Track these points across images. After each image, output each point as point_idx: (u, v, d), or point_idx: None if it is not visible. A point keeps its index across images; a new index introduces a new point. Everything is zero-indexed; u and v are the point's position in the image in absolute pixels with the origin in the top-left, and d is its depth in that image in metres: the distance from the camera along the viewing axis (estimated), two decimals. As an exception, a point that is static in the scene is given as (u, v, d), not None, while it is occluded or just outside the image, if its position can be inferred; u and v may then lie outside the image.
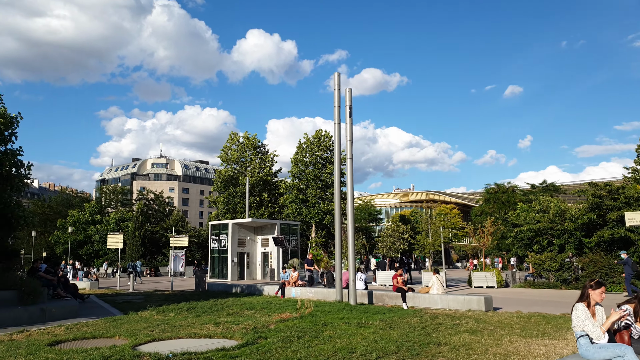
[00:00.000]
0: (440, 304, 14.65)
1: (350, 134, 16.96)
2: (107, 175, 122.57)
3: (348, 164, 16.74)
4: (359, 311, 13.50)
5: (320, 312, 13.20)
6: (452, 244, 75.90)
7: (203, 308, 14.49)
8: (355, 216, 61.94)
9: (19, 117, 16.81)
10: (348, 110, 16.83)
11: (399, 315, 12.37)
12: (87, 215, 55.72)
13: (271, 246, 35.06)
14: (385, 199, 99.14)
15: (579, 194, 27.62)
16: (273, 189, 52.89)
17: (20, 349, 8.23)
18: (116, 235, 27.74)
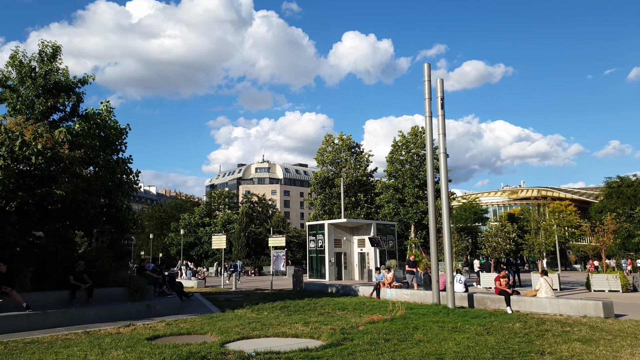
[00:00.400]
0: (549, 309, 13.27)
1: (442, 127, 16.09)
2: (215, 181, 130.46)
3: (441, 159, 15.88)
4: (456, 315, 12.66)
5: (413, 314, 12.58)
6: (569, 244, 69.83)
7: (296, 307, 14.53)
8: (459, 216, 59.39)
9: (128, 128, 18.17)
10: (439, 102, 15.98)
11: (500, 320, 11.36)
12: (197, 218, 59.51)
13: (368, 247, 34.67)
14: (491, 197, 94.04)
15: None
16: (369, 189, 52.45)
17: (122, 342, 8.73)
18: (220, 236, 29.16)
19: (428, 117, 16.32)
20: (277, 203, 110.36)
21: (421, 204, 45.21)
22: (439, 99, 15.98)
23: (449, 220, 15.50)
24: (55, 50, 15.87)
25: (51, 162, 12.68)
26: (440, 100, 15.95)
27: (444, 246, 15.42)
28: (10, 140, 12.32)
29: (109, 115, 17.29)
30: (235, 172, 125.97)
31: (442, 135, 15.94)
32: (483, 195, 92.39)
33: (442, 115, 15.99)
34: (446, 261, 15.19)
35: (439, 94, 16.02)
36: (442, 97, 16.00)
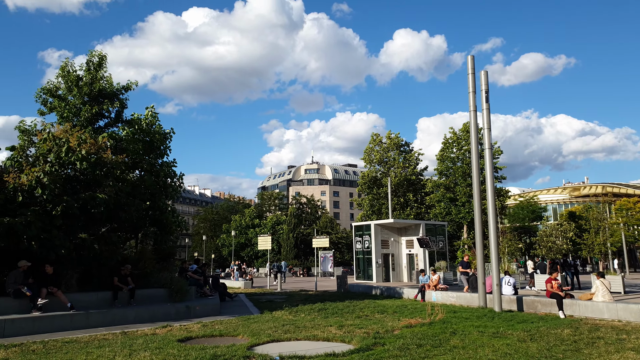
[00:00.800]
0: (606, 314, 12.29)
1: (487, 121, 15.35)
2: (266, 183, 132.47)
3: (486, 154, 15.14)
4: (502, 319, 11.97)
5: (455, 318, 12.01)
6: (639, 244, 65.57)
7: (335, 309, 14.28)
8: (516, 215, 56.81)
9: (172, 132, 18.57)
10: (484, 95, 15.24)
11: (549, 326, 10.60)
12: (247, 220, 60.49)
13: (416, 248, 33.83)
14: (551, 194, 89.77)
15: None
16: (419, 188, 51.34)
17: (153, 343, 8.80)
18: (266, 237, 29.34)
19: (472, 112, 15.62)
20: (326, 204, 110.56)
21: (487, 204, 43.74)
22: (483, 92, 15.25)
23: (495, 219, 14.76)
24: (101, 59, 16.47)
25: (95, 166, 13.09)
26: (484, 93, 15.22)
27: (490, 246, 14.68)
28: (58, 147, 12.83)
29: (154, 120, 17.70)
30: (285, 174, 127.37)
31: (487, 130, 15.22)
32: (542, 192, 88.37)
33: (487, 109, 15.25)
34: (492, 262, 14.45)
35: (483, 87, 15.29)
36: (486, 90, 15.26)
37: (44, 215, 11.59)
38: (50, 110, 15.14)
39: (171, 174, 17.94)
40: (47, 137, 12.82)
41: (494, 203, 14.89)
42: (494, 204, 14.91)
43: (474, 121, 15.58)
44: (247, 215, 61.71)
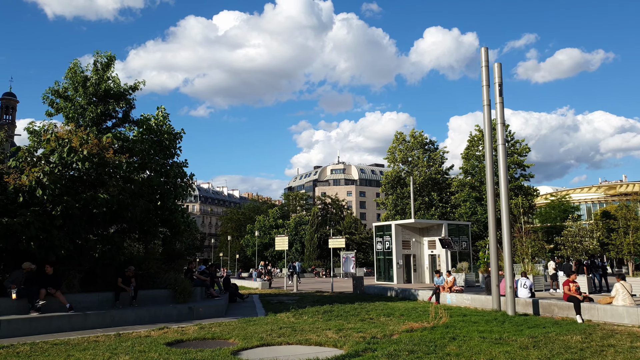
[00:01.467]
0: (627, 319, 11.49)
1: (501, 116, 14.66)
2: (293, 184, 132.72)
3: (500, 150, 14.45)
4: (512, 323, 11.33)
5: (462, 322, 11.43)
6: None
7: (341, 312, 13.86)
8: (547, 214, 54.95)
9: (182, 132, 18.51)
10: (497, 88, 14.55)
11: (560, 331, 9.94)
12: (270, 220, 60.54)
13: (439, 248, 33.04)
14: (584, 193, 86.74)
15: None
16: (444, 187, 50.25)
17: (139, 346, 8.60)
18: (282, 237, 29.16)
19: (486, 106, 14.93)
20: (352, 204, 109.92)
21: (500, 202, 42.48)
22: (496, 85, 14.57)
23: (508, 219, 14.06)
24: (109, 60, 16.53)
25: (97, 167, 13.07)
26: (498, 86, 14.54)
27: (504, 247, 14.01)
28: (61, 147, 12.87)
29: (164, 120, 17.64)
30: (311, 174, 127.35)
31: (500, 125, 14.54)
32: (575, 191, 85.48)
33: (501, 102, 14.57)
34: (506, 263, 13.78)
35: (496, 80, 14.61)
36: (500, 82, 14.57)
37: (43, 215, 11.61)
38: (57, 111, 15.25)
39: (181, 174, 17.86)
40: (50, 137, 12.88)
41: (507, 201, 14.19)
42: (507, 203, 14.22)
43: (488, 116, 14.91)
44: (270, 215, 61.80)
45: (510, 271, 13.66)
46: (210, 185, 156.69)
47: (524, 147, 43.73)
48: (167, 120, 17.80)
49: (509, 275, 13.61)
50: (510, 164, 43.41)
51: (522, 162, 43.50)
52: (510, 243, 13.89)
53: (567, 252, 23.97)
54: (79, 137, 13.07)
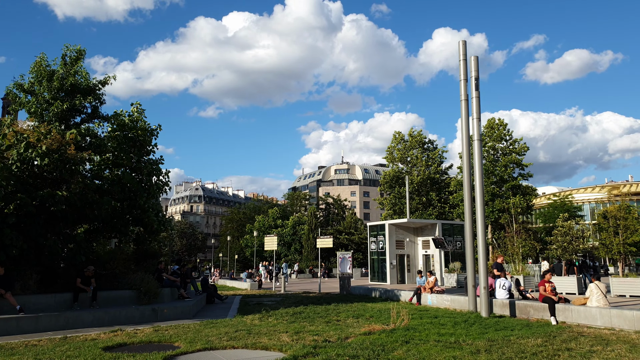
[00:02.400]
0: (599, 321, 10.93)
1: (477, 110, 14.11)
2: (297, 184, 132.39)
3: (475, 146, 13.89)
4: (482, 325, 10.82)
5: (430, 324, 10.93)
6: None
7: (310, 314, 13.40)
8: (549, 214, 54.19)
9: (159, 129, 18.10)
10: (474, 82, 14.02)
11: (523, 334, 9.42)
12: (270, 220, 60.14)
13: (433, 248, 32.46)
14: (588, 193, 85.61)
15: None
16: (443, 187, 49.62)
17: (73, 351, 8.19)
18: (271, 237, 28.75)
19: (464, 101, 14.34)
20: (356, 204, 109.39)
21: (497, 201, 41.84)
22: (472, 79, 14.03)
23: (483, 218, 13.52)
24: (79, 54, 16.16)
25: (58, 163, 12.70)
26: (474, 80, 14.00)
27: (478, 247, 13.48)
28: (19, 143, 12.53)
29: (139, 117, 17.24)
30: (315, 175, 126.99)
31: (476, 120, 13.97)
32: (578, 191, 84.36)
33: (477, 97, 14.02)
34: (480, 264, 13.25)
35: (473, 74, 14.07)
36: (476, 76, 14.04)
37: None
38: (20, 106, 14.89)
39: (157, 172, 17.47)
40: (8, 132, 12.54)
41: (482, 199, 13.62)
42: (482, 201, 13.65)
43: (465, 111, 14.31)
44: (270, 215, 61.42)
45: (484, 272, 13.13)
46: (215, 185, 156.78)
47: (522, 146, 42.99)
48: (142, 117, 17.40)
49: (482, 276, 13.09)
50: (508, 163, 42.74)
51: (521, 161, 42.77)
52: (485, 243, 13.34)
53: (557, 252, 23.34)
54: (37, 132, 12.73)
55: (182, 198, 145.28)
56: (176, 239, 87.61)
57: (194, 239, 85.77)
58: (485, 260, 13.28)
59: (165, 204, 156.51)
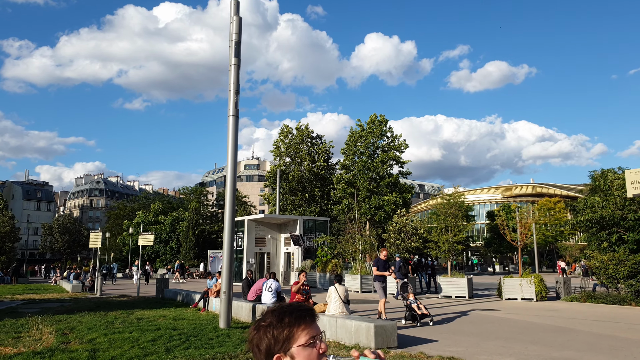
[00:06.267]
0: (328, 331, 9.12)
1: (235, 80, 11.87)
2: (205, 179, 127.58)
3: (230, 122, 11.71)
4: (203, 340, 8.63)
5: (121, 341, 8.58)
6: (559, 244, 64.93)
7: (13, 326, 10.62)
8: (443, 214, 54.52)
9: None
10: (234, 47, 11.86)
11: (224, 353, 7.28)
12: (150, 216, 56.05)
13: (294, 246, 30.65)
14: (481, 194, 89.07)
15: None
16: (328, 183, 48.31)
17: None
18: (146, 235, 25.58)
19: (234, 65, 11.99)
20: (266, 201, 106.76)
21: (374, 198, 40.96)
22: (233, 42, 11.86)
23: (232, 209, 11.40)
24: None
25: None
26: (234, 45, 11.83)
27: (224, 245, 11.34)
28: None
29: None
30: (223, 169, 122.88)
31: (232, 92, 11.77)
32: (470, 192, 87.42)
33: (237, 64, 11.85)
34: (224, 266, 11.12)
35: (233, 37, 11.90)
36: (237, 40, 11.87)
37: None
38: None
39: None
40: None
41: (232, 187, 11.49)
42: (233, 189, 11.52)
43: (235, 78, 12.00)
44: (152, 211, 57.26)
45: (228, 275, 11.01)
46: (119, 179, 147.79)
47: (401, 143, 42.52)
48: None
49: (226, 279, 10.97)
50: (388, 159, 42.09)
51: (400, 157, 42.27)
52: (230, 242, 11.22)
53: (390, 250, 22.29)
54: None
55: (82, 192, 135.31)
56: (57, 235, 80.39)
57: (77, 235, 79.05)
58: (230, 262, 11.16)
59: (64, 197, 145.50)
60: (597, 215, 17.65)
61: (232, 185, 11.31)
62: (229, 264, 11.05)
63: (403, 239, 20.47)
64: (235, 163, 11.40)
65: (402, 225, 20.92)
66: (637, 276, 15.74)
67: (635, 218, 16.69)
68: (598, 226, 18.12)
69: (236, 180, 11.74)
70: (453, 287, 19.40)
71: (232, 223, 11.26)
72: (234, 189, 11.35)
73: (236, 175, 11.58)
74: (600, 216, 17.56)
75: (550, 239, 63.28)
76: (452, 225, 18.98)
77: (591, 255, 18.85)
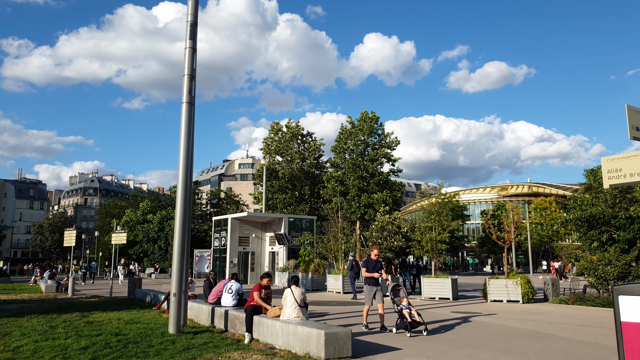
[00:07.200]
0: (281, 339, 8.25)
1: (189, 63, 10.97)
2: (199, 178, 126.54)
3: (183, 109, 10.81)
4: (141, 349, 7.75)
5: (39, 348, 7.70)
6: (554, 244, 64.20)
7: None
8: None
9: None
10: (189, 28, 10.95)
11: None
12: (139, 215, 55.15)
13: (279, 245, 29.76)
14: (477, 193, 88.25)
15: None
16: (318, 182, 47.45)
17: None
18: (119, 233, 24.64)
19: (189, 49, 11.08)
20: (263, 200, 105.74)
21: (363, 197, 40.10)
22: (188, 23, 10.96)
23: (185, 204, 10.50)
24: None
25: None
26: (190, 25, 10.93)
27: (174, 239, 10.43)
28: None
29: None
30: (218, 168, 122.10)
31: (187, 77, 10.87)
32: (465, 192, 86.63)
33: (192, 47, 10.94)
34: (174, 265, 10.22)
35: (189, 18, 11.00)
36: (192, 21, 10.96)
37: None
38: None
39: None
40: None
41: (185, 180, 10.58)
42: (188, 183, 10.61)
43: (190, 62, 11.08)
44: (140, 209, 56.31)
45: (178, 274, 10.11)
46: (114, 177, 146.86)
47: (393, 140, 41.66)
48: None
49: (176, 279, 10.08)
50: (379, 157, 41.23)
51: (391, 155, 41.43)
52: (181, 239, 10.31)
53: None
54: None
55: (76, 190, 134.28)
56: (47, 234, 79.46)
57: (68, 234, 78.04)
58: (181, 261, 10.25)
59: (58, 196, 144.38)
60: (586, 214, 16.79)
61: (184, 176, 10.40)
62: (180, 262, 10.15)
63: (386, 237, 19.63)
64: (188, 154, 10.48)
65: (385, 224, 20.07)
66: (627, 277, 14.91)
67: (626, 216, 15.83)
68: (588, 225, 17.25)
69: (191, 175, 10.84)
70: (436, 288, 18.54)
71: (185, 216, 10.35)
72: (186, 180, 10.44)
73: (190, 168, 10.68)
74: (589, 214, 16.69)
75: (545, 239, 62.52)
76: (436, 223, 18.09)
77: (581, 255, 18.02)
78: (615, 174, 5.36)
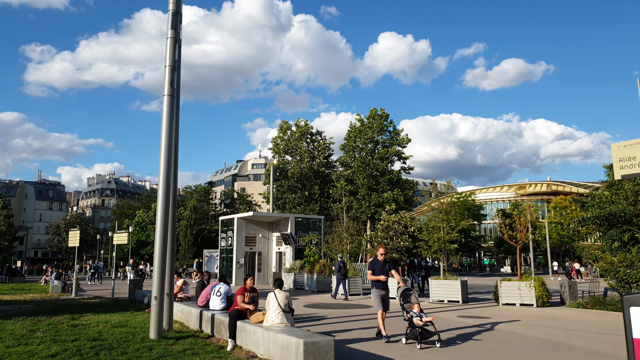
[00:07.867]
0: (262, 346, 7.57)
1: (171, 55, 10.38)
2: (214, 178, 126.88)
3: (165, 102, 10.18)
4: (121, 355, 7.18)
5: None
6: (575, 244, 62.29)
7: None
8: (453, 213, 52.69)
9: None
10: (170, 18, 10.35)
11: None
12: (151, 215, 55.14)
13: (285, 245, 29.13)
14: (494, 192, 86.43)
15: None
16: (328, 181, 46.71)
17: None
18: (120, 234, 24.41)
19: (171, 39, 10.47)
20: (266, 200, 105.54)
21: (374, 196, 39.23)
22: (170, 12, 10.36)
23: (167, 200, 9.88)
24: None
25: None
26: (172, 14, 10.32)
27: (155, 239, 9.81)
28: None
29: None
30: (231, 169, 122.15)
31: (168, 68, 10.24)
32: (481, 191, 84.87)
33: (173, 37, 10.33)
34: (155, 266, 9.60)
35: (171, 7, 10.39)
36: (174, 10, 10.35)
37: None
38: None
39: None
40: None
41: (167, 179, 9.94)
42: (168, 181, 9.97)
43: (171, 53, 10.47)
44: (152, 210, 56.31)
45: (159, 276, 9.50)
46: (130, 178, 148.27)
47: (404, 138, 40.72)
48: None
49: (157, 281, 9.47)
50: (389, 155, 40.33)
51: (402, 153, 40.49)
52: (162, 238, 9.68)
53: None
54: None
55: (94, 191, 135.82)
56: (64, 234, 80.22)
57: (84, 234, 78.66)
58: (162, 262, 9.62)
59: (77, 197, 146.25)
60: (605, 212, 15.74)
61: (165, 173, 9.77)
62: (161, 263, 9.53)
63: (392, 237, 18.84)
64: (170, 150, 9.86)
65: (391, 223, 19.28)
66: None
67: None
68: (608, 223, 16.19)
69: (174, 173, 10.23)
70: (445, 290, 17.67)
71: (165, 215, 9.72)
72: (168, 178, 9.81)
73: (174, 164, 10.07)
74: (609, 212, 15.64)
75: (566, 239, 60.64)
76: (444, 222, 17.23)
77: (600, 256, 16.99)
78: (628, 163, 4.54)
